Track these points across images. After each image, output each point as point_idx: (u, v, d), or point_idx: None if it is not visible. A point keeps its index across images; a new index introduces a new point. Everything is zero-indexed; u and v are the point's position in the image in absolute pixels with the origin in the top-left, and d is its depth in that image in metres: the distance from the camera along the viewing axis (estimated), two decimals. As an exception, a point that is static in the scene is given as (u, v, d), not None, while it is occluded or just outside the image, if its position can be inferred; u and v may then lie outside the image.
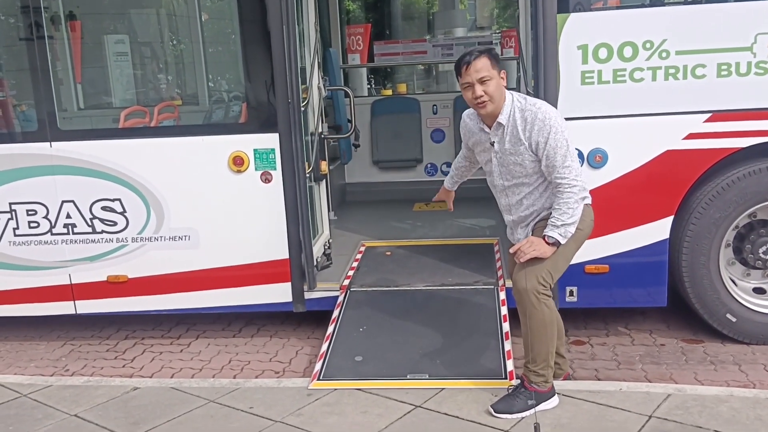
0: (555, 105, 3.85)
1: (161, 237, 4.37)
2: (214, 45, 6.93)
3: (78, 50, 6.56)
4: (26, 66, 4.42)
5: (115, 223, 4.39)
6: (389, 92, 7.53)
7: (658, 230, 4.01)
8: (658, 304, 4.12)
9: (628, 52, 3.84)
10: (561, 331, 3.48)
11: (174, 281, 4.43)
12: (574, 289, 4.12)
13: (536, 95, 3.90)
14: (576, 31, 3.84)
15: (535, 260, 3.08)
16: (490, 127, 3.19)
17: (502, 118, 3.11)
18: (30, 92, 4.42)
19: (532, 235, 3.20)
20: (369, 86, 13.08)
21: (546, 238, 3.07)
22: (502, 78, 3.10)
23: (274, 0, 3.96)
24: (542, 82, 3.85)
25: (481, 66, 3.04)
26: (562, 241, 3.04)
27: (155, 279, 4.44)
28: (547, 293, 3.10)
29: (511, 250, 3.22)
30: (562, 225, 3.03)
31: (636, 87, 3.86)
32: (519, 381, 3.26)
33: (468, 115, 3.34)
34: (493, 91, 3.05)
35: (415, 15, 19.22)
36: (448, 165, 6.66)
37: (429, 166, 6.70)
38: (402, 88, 7.95)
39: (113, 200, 4.36)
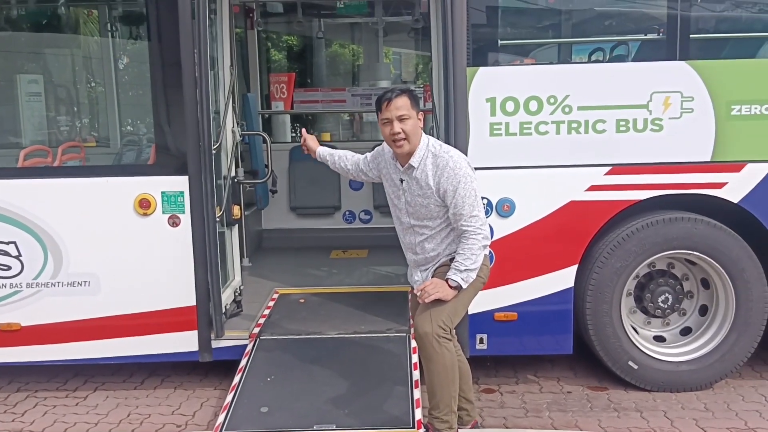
0: (465, 154, 3.94)
1: (59, 283, 4.15)
2: (128, 87, 6.80)
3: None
4: None
5: (8, 268, 4.14)
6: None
7: (563, 279, 4.11)
8: (565, 351, 4.20)
9: (533, 106, 3.99)
10: (468, 377, 3.49)
11: (72, 330, 4.19)
12: (484, 336, 4.16)
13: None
14: (485, 84, 3.97)
15: (436, 304, 3.11)
16: (402, 166, 3.22)
17: (414, 161, 3.17)
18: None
19: (432, 278, 3.22)
20: (294, 134, 13.11)
21: (449, 282, 3.11)
22: (419, 119, 3.18)
23: (188, 42, 3.91)
24: (453, 133, 3.94)
25: (402, 104, 3.12)
26: (464, 286, 3.10)
27: (51, 327, 4.19)
28: (447, 337, 3.12)
29: (416, 290, 3.23)
30: (465, 270, 3.09)
31: (541, 139, 4.00)
32: (424, 430, 3.22)
33: (386, 146, 3.37)
34: (410, 130, 3.12)
35: (340, 66, 19.53)
36: (366, 212, 6.70)
37: (347, 213, 6.70)
38: (326, 136, 7.97)
39: (7, 243, 4.12)
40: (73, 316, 4.19)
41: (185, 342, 4.20)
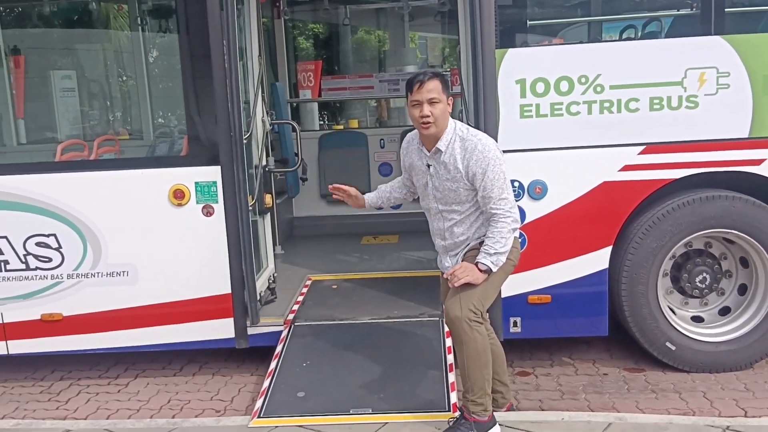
0: (495, 138, 3.91)
1: (98, 273, 4.24)
2: (159, 79, 6.89)
3: (20, 86, 6.44)
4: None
5: (49, 260, 4.25)
6: (341, 127, 7.57)
7: (598, 260, 4.07)
8: (600, 333, 4.17)
9: (564, 86, 3.94)
10: (502, 360, 3.49)
11: (112, 319, 4.29)
12: (518, 319, 4.14)
13: (476, 128, 3.96)
14: (514, 66, 3.93)
15: (467, 288, 3.11)
16: (429, 151, 3.22)
17: (441, 144, 3.17)
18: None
19: (462, 262, 3.22)
20: (321, 122, 13.13)
21: (478, 265, 3.10)
22: (448, 104, 3.16)
23: (216, 34, 3.94)
24: (482, 115, 3.91)
25: (433, 87, 3.10)
26: (494, 269, 3.09)
27: (92, 317, 4.29)
28: (479, 321, 3.12)
29: (446, 275, 3.23)
30: (494, 253, 3.07)
31: (573, 120, 3.96)
32: (459, 413, 3.24)
33: (409, 136, 3.39)
34: (439, 114, 3.11)
35: (366, 53, 19.49)
36: (397, 198, 6.68)
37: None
38: (354, 123, 7.98)
39: (48, 236, 4.22)
40: (112, 306, 4.28)
41: (222, 329, 4.27)
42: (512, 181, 3.94)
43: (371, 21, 16.82)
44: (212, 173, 4.11)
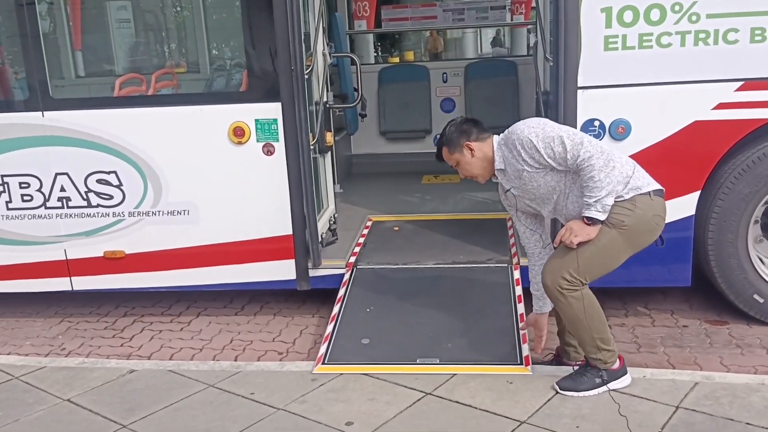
0: (575, 72, 3.64)
1: (159, 211, 4.17)
2: (216, 11, 6.67)
3: (77, 16, 6.34)
4: (19, 32, 4.18)
5: (111, 197, 4.19)
6: (396, 60, 7.26)
7: (684, 206, 3.78)
8: (682, 283, 3.91)
9: (655, 15, 3.57)
10: None
11: (173, 257, 4.24)
12: (593, 267, 3.91)
13: (555, 62, 3.66)
14: (599, -9, 3.58)
15: (567, 253, 2.91)
16: (496, 178, 3.12)
17: (498, 163, 3.03)
18: (22, 59, 4.19)
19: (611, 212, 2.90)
20: (375, 54, 12.75)
21: (584, 220, 2.86)
22: (468, 149, 3.04)
23: (276, -41, 3.70)
24: (562, 48, 3.60)
25: (446, 157, 3.16)
26: (601, 217, 2.82)
27: (153, 255, 4.25)
28: (574, 287, 2.92)
29: (554, 243, 3.03)
30: (595, 201, 2.79)
31: (663, 53, 3.60)
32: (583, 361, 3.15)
33: None
34: (467, 170, 3.10)
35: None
36: (459, 136, 6.41)
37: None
38: (409, 55, 7.66)
39: (109, 173, 4.15)
40: (173, 245, 4.23)
41: (283, 270, 4.18)
42: (592, 120, 3.72)
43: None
44: (273, 110, 3.93)
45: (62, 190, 4.20)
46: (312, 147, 4.10)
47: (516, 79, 6.15)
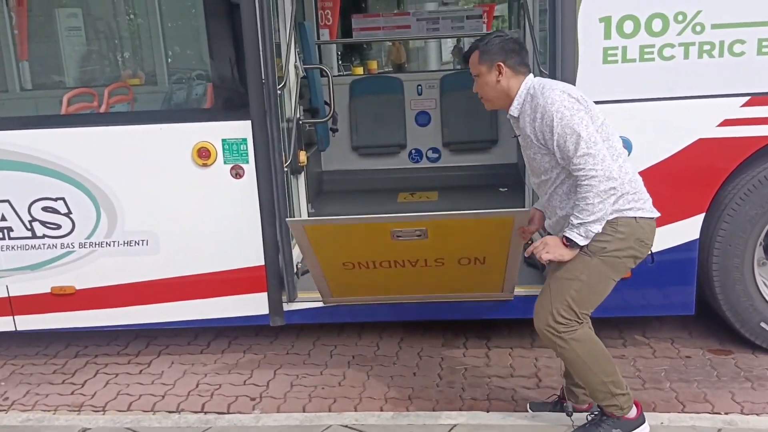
0: (573, 85, 3.35)
1: (114, 242, 3.75)
2: (175, 17, 6.26)
3: (23, 23, 5.86)
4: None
5: (58, 226, 3.75)
6: (361, 70, 6.92)
7: (687, 229, 3.53)
8: (686, 312, 3.67)
9: (657, 25, 3.32)
10: None
11: (130, 292, 3.81)
12: (592, 296, 3.63)
13: (551, 74, 3.38)
14: (598, 1, 3.30)
15: (557, 289, 2.67)
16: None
17: (513, 109, 2.73)
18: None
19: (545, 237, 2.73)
20: (340, 64, 12.42)
21: (563, 240, 2.60)
22: (495, 71, 2.70)
23: (244, -38, 3.33)
24: (559, 60, 3.33)
25: (471, 62, 2.79)
26: (581, 243, 2.56)
27: (108, 290, 3.82)
28: (571, 328, 2.65)
29: (526, 253, 2.77)
30: (579, 224, 2.53)
31: (665, 66, 3.36)
32: (599, 412, 2.83)
33: None
34: (482, 88, 2.79)
35: (382, -14, 18.54)
36: (435, 150, 6.12)
37: (413, 152, 6.13)
38: (373, 65, 7.32)
39: (56, 199, 3.71)
40: (131, 278, 3.81)
41: (254, 304, 3.80)
42: (591, 138, 3.43)
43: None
44: (242, 129, 3.56)
45: (3, 219, 3.74)
46: (285, 168, 3.74)
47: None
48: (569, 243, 2.58)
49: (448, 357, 3.84)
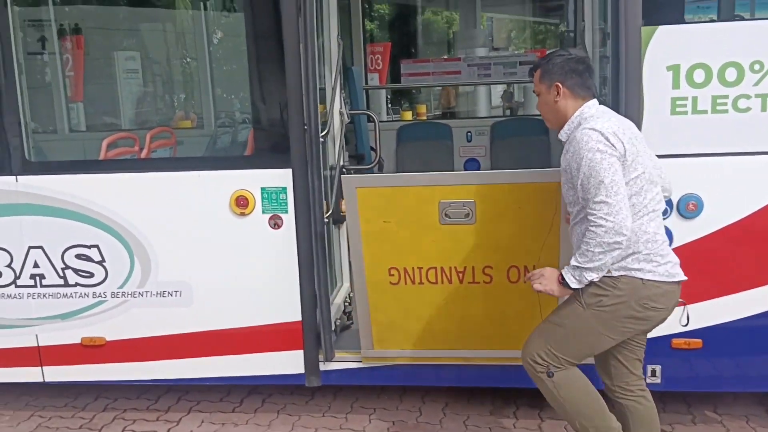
0: (638, 139, 3.09)
1: (147, 292, 3.60)
2: (223, 61, 6.27)
3: (80, 65, 5.94)
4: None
5: (91, 275, 3.62)
6: (409, 114, 6.79)
7: (766, 297, 3.19)
8: (763, 388, 3.31)
9: (731, 74, 3.05)
10: (652, 428, 2.76)
11: (161, 346, 3.65)
12: (657, 368, 3.31)
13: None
14: (666, 48, 3.06)
15: (547, 327, 2.71)
16: None
17: (563, 134, 2.68)
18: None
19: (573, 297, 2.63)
20: (390, 107, 12.36)
21: (559, 277, 2.57)
22: (555, 92, 2.65)
23: (290, 7, 3.21)
24: (621, 111, 3.06)
25: (534, 80, 2.76)
26: (573, 285, 2.52)
27: (139, 342, 3.66)
28: (543, 372, 2.67)
29: (525, 277, 2.86)
30: (576, 266, 2.49)
31: (741, 118, 3.07)
32: None
33: None
34: (541, 107, 2.75)
35: (434, 34, 18.61)
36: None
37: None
38: (422, 109, 7.18)
39: (90, 247, 3.59)
40: (163, 331, 3.64)
41: (289, 363, 3.58)
42: (658, 195, 3.15)
43: (441, 0, 15.98)
44: (282, 177, 3.39)
45: (35, 266, 3.63)
46: (326, 219, 3.55)
47: (548, 138, 5.64)
48: (563, 282, 2.55)
49: (497, 427, 3.53)
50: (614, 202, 2.39)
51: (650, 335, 3.18)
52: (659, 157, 3.05)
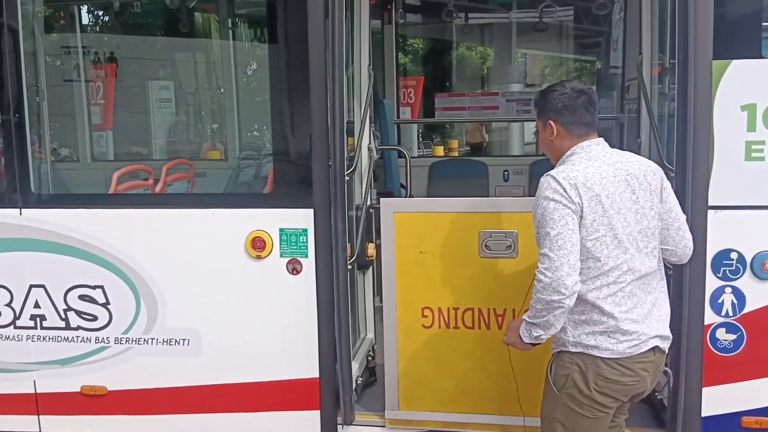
0: (705, 188, 2.73)
1: (152, 339, 3.29)
2: (251, 92, 6.08)
3: (110, 94, 5.81)
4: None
5: (94, 318, 3.33)
6: (440, 149, 6.50)
7: None
8: None
9: (815, 115, 2.68)
10: None
11: (166, 398, 3.33)
12: (725, 449, 2.89)
13: (679, 172, 2.76)
14: (740, 85, 2.72)
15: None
16: None
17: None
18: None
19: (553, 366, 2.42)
20: (421, 141, 12.11)
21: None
22: (550, 130, 2.43)
23: (317, 34, 2.94)
24: (689, 156, 2.71)
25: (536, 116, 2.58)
26: (525, 340, 2.34)
27: (142, 394, 3.35)
28: None
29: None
30: (524, 321, 2.33)
31: (826, 166, 2.69)
32: None
33: None
34: (541, 145, 2.60)
35: (467, 69, 18.43)
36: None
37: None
38: (453, 144, 6.92)
39: (94, 287, 3.30)
40: (168, 382, 3.33)
41: (304, 425, 3.23)
42: (728, 252, 2.77)
43: (476, 35, 15.77)
44: (302, 218, 3.09)
45: (36, 306, 3.35)
46: (350, 265, 3.22)
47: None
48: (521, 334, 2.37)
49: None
50: (555, 257, 2.19)
51: (716, 411, 2.82)
52: (732, 208, 2.71)
